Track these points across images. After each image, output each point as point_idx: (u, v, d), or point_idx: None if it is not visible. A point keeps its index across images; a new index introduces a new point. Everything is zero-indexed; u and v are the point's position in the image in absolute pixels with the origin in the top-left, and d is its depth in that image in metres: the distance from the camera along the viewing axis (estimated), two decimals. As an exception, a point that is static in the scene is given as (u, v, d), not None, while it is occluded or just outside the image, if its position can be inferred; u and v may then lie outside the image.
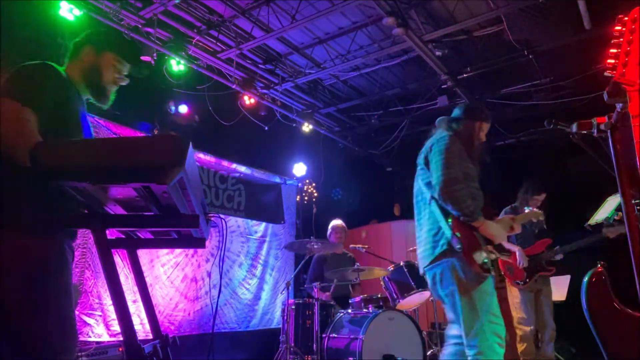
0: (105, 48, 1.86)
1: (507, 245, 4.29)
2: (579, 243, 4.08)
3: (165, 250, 5.09)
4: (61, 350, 1.56)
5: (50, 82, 1.68)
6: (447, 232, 2.28)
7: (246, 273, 6.19)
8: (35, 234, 1.56)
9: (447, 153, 2.35)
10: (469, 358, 2.22)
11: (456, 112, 2.68)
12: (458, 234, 2.24)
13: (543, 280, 4.21)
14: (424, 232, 2.46)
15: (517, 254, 4.15)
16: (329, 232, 5.20)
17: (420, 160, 2.54)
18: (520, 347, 4.13)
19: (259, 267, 6.40)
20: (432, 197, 2.41)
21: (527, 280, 4.14)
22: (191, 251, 5.43)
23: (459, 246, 2.23)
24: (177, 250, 5.27)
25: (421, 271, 2.48)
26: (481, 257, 2.24)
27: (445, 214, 2.33)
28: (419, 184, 2.57)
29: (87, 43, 1.86)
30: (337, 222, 5.24)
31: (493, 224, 2.36)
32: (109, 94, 1.90)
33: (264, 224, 6.59)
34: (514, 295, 4.22)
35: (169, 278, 5.20)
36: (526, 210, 4.07)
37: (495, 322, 2.25)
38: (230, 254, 6.01)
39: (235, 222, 6.15)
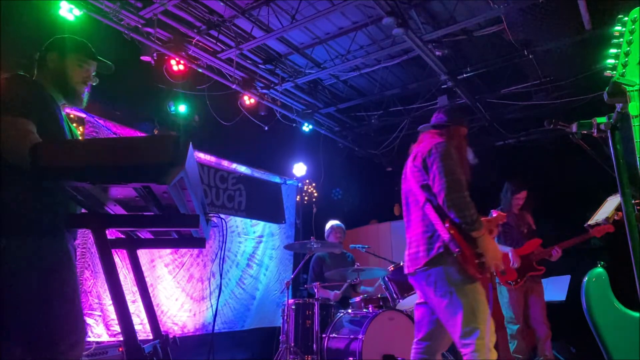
0: (68, 51, 1.92)
1: (499, 247, 4.31)
2: (571, 242, 4.15)
3: (168, 250, 5.10)
4: (70, 346, 1.59)
5: (31, 92, 1.73)
6: (445, 235, 2.32)
7: (242, 273, 6.20)
8: (44, 235, 1.59)
9: (449, 159, 2.39)
10: (465, 357, 2.25)
11: (440, 117, 2.72)
12: (455, 237, 2.28)
13: (533, 280, 4.23)
14: (418, 233, 2.48)
15: (509, 255, 4.18)
16: (327, 233, 5.20)
17: (414, 161, 2.55)
18: (512, 345, 4.16)
19: (255, 267, 6.41)
20: (428, 199, 2.44)
21: (519, 280, 4.16)
22: (196, 251, 5.44)
23: (458, 249, 2.27)
24: (183, 250, 5.28)
25: (407, 271, 2.50)
26: (480, 258, 2.30)
27: (442, 217, 2.36)
28: (409, 185, 2.59)
29: (51, 50, 1.91)
30: (336, 222, 5.24)
31: (492, 241, 2.41)
32: (81, 94, 1.95)
33: (262, 224, 6.59)
34: (503, 295, 4.25)
35: (175, 278, 5.20)
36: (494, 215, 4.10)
37: (489, 323, 2.29)
38: (229, 253, 6.02)
39: (234, 222, 6.16)
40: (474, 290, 2.30)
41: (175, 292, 5.18)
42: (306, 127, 6.50)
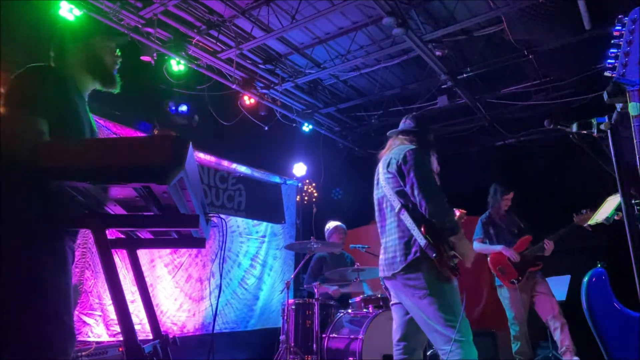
0: (91, 35, 1.91)
1: (490, 247, 4.35)
2: (560, 233, 4.17)
3: (168, 250, 5.10)
4: (59, 352, 1.55)
5: (51, 87, 1.68)
6: (421, 240, 2.39)
7: (244, 273, 6.20)
8: (35, 235, 1.56)
9: (424, 166, 2.50)
10: (446, 355, 2.32)
11: (408, 124, 2.79)
12: (432, 242, 2.37)
13: (535, 278, 4.23)
14: (393, 239, 2.54)
15: (503, 251, 4.20)
16: (329, 232, 5.18)
17: (387, 168, 2.60)
18: (514, 346, 4.15)
19: (258, 267, 6.41)
20: (403, 205, 2.50)
21: (520, 278, 4.16)
22: (195, 251, 5.44)
23: (434, 254, 2.35)
24: (182, 251, 5.28)
25: (387, 274, 2.54)
26: (453, 262, 2.42)
27: (418, 223, 2.43)
28: (383, 191, 2.64)
29: (69, 41, 1.88)
30: (337, 222, 5.24)
31: (467, 242, 2.55)
32: (116, 77, 1.97)
33: (264, 224, 6.60)
34: (504, 296, 4.26)
35: (174, 278, 5.20)
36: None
37: (466, 320, 2.39)
38: (230, 253, 6.02)
39: (235, 222, 6.16)
40: (451, 291, 2.40)
41: (174, 292, 5.18)
42: (306, 127, 6.50)
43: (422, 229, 2.40)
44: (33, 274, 1.53)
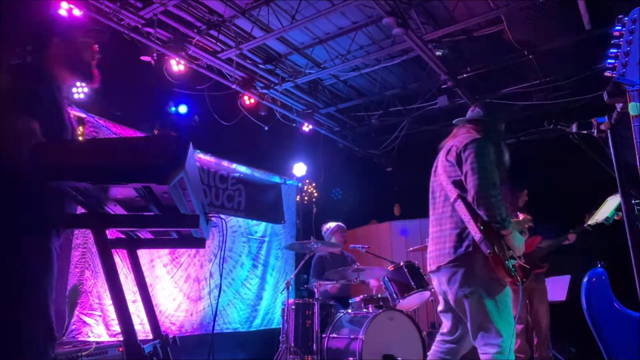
0: (69, 32, 1.92)
1: None
2: (554, 243, 4.22)
3: (167, 250, 5.10)
4: (38, 353, 1.54)
5: (38, 84, 1.69)
6: (476, 234, 2.26)
7: (248, 273, 6.20)
8: (13, 234, 1.55)
9: (484, 157, 2.32)
10: (487, 356, 2.24)
11: (477, 112, 2.62)
12: (488, 237, 2.24)
13: (536, 279, 4.22)
14: (446, 229, 2.40)
15: None
16: (330, 232, 5.17)
17: (447, 156, 2.46)
18: (513, 345, 4.15)
19: (260, 267, 6.41)
20: (460, 196, 2.36)
21: (525, 280, 4.16)
22: (194, 251, 5.43)
23: (489, 250, 2.21)
24: (181, 250, 5.27)
25: (432, 267, 2.43)
26: (510, 263, 2.27)
27: (474, 216, 2.29)
28: (440, 179, 2.50)
29: (54, 34, 1.89)
30: (337, 222, 5.23)
31: (518, 236, 2.36)
32: (93, 70, 1.96)
33: (263, 224, 6.59)
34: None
35: (173, 278, 5.20)
36: (520, 217, 4.14)
37: (513, 326, 2.29)
38: (233, 254, 6.01)
39: (236, 222, 6.16)
40: (503, 293, 2.28)
41: (173, 292, 5.18)
42: (306, 127, 6.50)
43: (479, 223, 2.25)
44: (18, 273, 1.52)
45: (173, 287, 5.19)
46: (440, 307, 2.56)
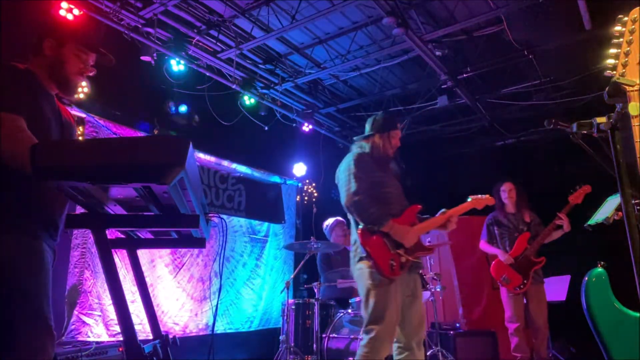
0: (67, 39, 1.84)
1: (491, 250, 4.34)
2: (545, 233, 4.21)
3: (168, 250, 5.10)
4: (37, 351, 1.54)
5: (20, 84, 1.67)
6: (359, 240, 2.59)
7: (250, 273, 6.20)
8: (7, 234, 1.55)
9: (349, 170, 2.65)
10: (363, 342, 2.49)
11: (366, 128, 2.96)
12: (362, 242, 2.56)
13: (536, 280, 4.19)
14: (353, 239, 2.75)
15: (500, 257, 4.23)
16: (330, 227, 5.14)
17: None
18: (512, 344, 4.15)
19: (262, 267, 6.42)
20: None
21: (525, 282, 4.14)
22: (196, 251, 5.43)
23: (364, 254, 2.55)
24: (183, 250, 5.27)
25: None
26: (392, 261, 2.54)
27: (356, 224, 2.64)
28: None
29: (49, 36, 1.83)
30: (336, 217, 5.19)
31: (400, 228, 2.59)
32: (75, 85, 1.88)
33: (266, 224, 6.61)
34: (503, 295, 4.26)
35: (175, 278, 5.19)
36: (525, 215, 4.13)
37: (390, 326, 2.50)
38: (234, 253, 6.02)
39: (238, 222, 6.16)
40: (385, 291, 2.50)
41: (175, 292, 5.18)
42: (306, 127, 6.50)
43: (359, 229, 2.60)
44: (6, 273, 1.52)
45: (176, 287, 5.19)
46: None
